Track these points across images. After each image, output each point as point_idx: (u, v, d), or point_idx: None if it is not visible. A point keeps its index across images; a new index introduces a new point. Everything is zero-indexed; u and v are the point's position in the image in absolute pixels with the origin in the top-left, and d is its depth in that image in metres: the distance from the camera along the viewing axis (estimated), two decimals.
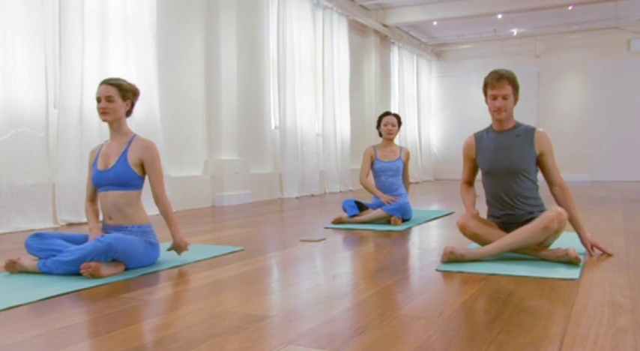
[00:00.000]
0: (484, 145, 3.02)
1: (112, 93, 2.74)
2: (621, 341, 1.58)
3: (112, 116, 2.76)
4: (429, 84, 13.38)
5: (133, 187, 2.78)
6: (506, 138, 2.95)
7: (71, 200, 4.61)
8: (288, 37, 7.61)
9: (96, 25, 4.78)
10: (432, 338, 1.63)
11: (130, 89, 2.82)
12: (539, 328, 1.72)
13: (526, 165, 2.91)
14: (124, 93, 2.78)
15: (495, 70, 2.90)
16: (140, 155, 2.78)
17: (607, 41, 11.61)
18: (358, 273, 2.70)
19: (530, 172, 2.94)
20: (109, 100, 2.74)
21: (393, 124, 4.73)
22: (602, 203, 6.17)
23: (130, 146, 2.80)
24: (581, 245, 3.17)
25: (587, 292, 2.16)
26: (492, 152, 2.96)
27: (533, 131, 2.94)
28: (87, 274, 2.43)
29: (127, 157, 2.78)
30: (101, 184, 2.80)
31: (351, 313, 1.93)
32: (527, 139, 2.92)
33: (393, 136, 4.77)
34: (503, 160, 2.92)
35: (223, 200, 6.33)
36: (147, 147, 2.79)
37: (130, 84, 2.84)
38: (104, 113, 2.75)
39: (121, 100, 2.77)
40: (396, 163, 4.72)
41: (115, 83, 2.77)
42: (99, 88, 2.78)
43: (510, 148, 2.92)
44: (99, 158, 2.86)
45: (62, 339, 1.68)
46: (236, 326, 1.76)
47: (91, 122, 4.77)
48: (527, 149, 2.91)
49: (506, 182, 2.92)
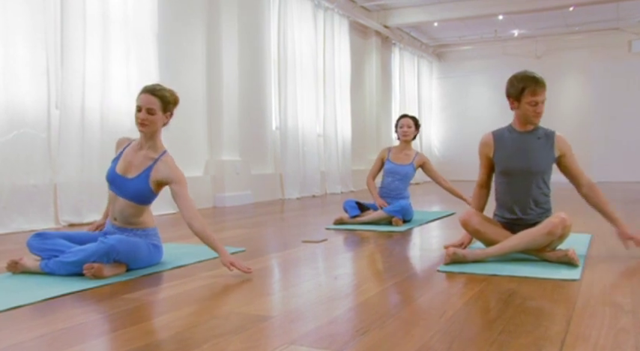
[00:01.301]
0: (504, 143, 2.98)
1: (155, 105, 2.64)
2: (622, 342, 1.58)
3: (150, 129, 2.66)
4: (429, 85, 13.39)
5: (145, 203, 2.73)
6: (528, 139, 2.93)
7: (73, 201, 4.62)
8: (289, 38, 7.62)
9: (97, 26, 4.79)
10: (433, 339, 1.64)
11: (172, 101, 2.70)
12: (540, 328, 1.72)
13: (545, 167, 2.90)
14: (166, 105, 2.67)
15: (532, 75, 2.84)
16: (164, 177, 2.67)
17: (608, 42, 11.61)
18: (360, 274, 2.71)
19: (547, 176, 2.94)
20: (149, 112, 2.63)
21: (408, 126, 4.68)
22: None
23: (155, 164, 2.69)
24: (581, 247, 3.18)
25: (588, 293, 2.16)
26: (512, 152, 2.93)
27: (553, 134, 2.94)
28: (89, 274, 2.43)
29: (150, 174, 2.68)
30: (113, 187, 2.73)
31: (353, 313, 1.93)
32: (548, 142, 2.91)
33: (409, 138, 4.72)
34: (523, 161, 2.90)
35: (224, 201, 6.33)
36: (173, 172, 2.68)
37: (172, 94, 2.72)
38: (142, 125, 2.64)
39: (161, 112, 2.67)
40: (406, 168, 4.69)
41: (159, 94, 2.65)
42: (140, 96, 2.66)
43: (532, 150, 2.90)
44: (121, 158, 2.75)
45: (65, 339, 1.68)
46: (238, 327, 1.77)
47: (93, 123, 4.78)
48: (547, 152, 2.90)
49: (522, 184, 2.91)
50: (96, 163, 4.78)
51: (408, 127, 4.68)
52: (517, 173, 2.92)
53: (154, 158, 2.71)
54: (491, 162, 3.06)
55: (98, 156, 4.80)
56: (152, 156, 2.72)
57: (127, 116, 5.07)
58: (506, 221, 2.99)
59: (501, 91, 12.49)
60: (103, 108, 4.86)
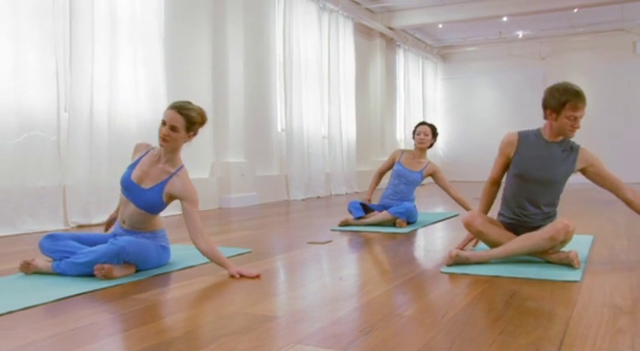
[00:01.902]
0: (527, 147, 2.95)
1: (179, 124, 2.66)
2: (620, 342, 1.63)
3: (171, 145, 2.69)
4: (434, 86, 13.42)
5: (156, 213, 2.77)
6: (553, 150, 2.91)
7: (81, 202, 4.68)
8: (294, 41, 7.67)
9: (105, 31, 4.85)
10: (435, 338, 1.68)
11: (198, 122, 2.71)
12: (540, 328, 1.77)
13: (561, 179, 2.91)
14: (190, 125, 2.69)
15: (574, 89, 2.79)
16: (178, 193, 2.70)
17: (612, 43, 11.62)
18: (364, 275, 2.76)
19: (561, 187, 2.95)
20: (172, 129, 2.65)
21: (425, 134, 4.68)
22: (606, 206, 6.19)
23: (171, 179, 2.72)
24: (583, 248, 3.21)
25: (588, 294, 2.20)
26: (534, 158, 2.91)
27: (578, 148, 2.93)
28: (100, 275, 2.49)
29: (164, 188, 2.71)
30: (127, 193, 2.76)
31: (358, 313, 1.98)
32: (571, 156, 2.90)
33: (425, 146, 4.72)
34: (543, 170, 2.89)
35: (230, 202, 6.39)
36: (187, 189, 2.70)
37: (200, 114, 2.72)
38: (164, 140, 2.67)
39: (184, 131, 2.68)
40: (414, 175, 4.72)
41: (185, 114, 2.67)
42: (167, 111, 2.68)
43: (553, 161, 2.90)
44: (138, 166, 2.78)
45: (78, 339, 1.74)
46: (245, 326, 1.82)
47: (101, 125, 4.84)
48: (567, 165, 2.90)
49: (535, 190, 2.91)
50: (104, 165, 4.84)
51: (425, 135, 4.69)
52: (532, 180, 2.91)
53: (170, 172, 2.74)
54: (509, 161, 3.02)
55: (106, 158, 4.86)
56: (169, 170, 2.74)
57: (133, 118, 5.14)
58: (509, 222, 3.01)
59: (507, 92, 12.63)
60: (110, 110, 4.92)
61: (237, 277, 2.56)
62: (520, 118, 12.49)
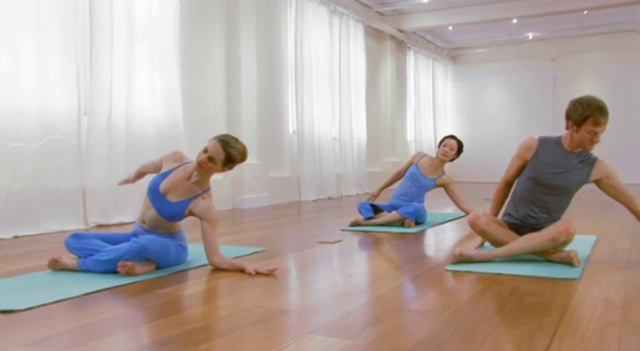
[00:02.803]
0: (546, 154, 3.02)
1: (218, 158, 2.77)
2: (608, 333, 1.75)
3: (205, 172, 2.82)
4: (444, 88, 13.51)
5: (176, 221, 2.93)
6: (570, 159, 2.98)
7: (100, 203, 4.85)
8: (305, 44, 7.81)
9: (123, 39, 5.02)
10: (437, 330, 1.81)
11: (237, 160, 2.81)
12: (536, 321, 1.89)
13: (573, 188, 3.01)
14: (228, 162, 2.81)
15: (598, 104, 2.85)
16: (199, 213, 2.83)
17: (623, 44, 11.65)
18: (373, 272, 2.89)
19: (572, 195, 3.04)
20: (211, 160, 2.77)
21: (452, 148, 4.77)
22: (613, 206, 6.24)
23: (196, 199, 2.85)
24: (585, 248, 3.32)
25: (584, 290, 2.32)
26: (550, 164, 2.99)
27: (594, 162, 2.99)
28: (123, 272, 2.64)
29: (188, 205, 2.84)
30: (152, 199, 2.89)
31: (366, 308, 2.12)
32: (586, 167, 2.98)
33: (447, 159, 4.80)
34: (557, 179, 2.97)
35: (243, 203, 6.54)
36: (209, 212, 2.82)
37: (241, 153, 2.81)
38: (200, 166, 2.79)
39: (221, 165, 2.81)
40: (427, 181, 4.83)
41: (228, 151, 2.77)
42: (212, 142, 2.79)
43: (569, 171, 2.97)
44: (169, 177, 2.90)
45: (104, 329, 1.89)
46: (261, 319, 1.96)
47: (119, 129, 5.01)
48: (581, 176, 2.98)
49: (546, 196, 3.00)
50: (122, 167, 5.00)
51: (450, 149, 4.78)
52: (545, 185, 3.00)
53: (196, 193, 2.87)
54: (525, 164, 3.09)
55: (124, 160, 5.03)
56: (196, 191, 2.87)
57: (150, 122, 5.30)
58: (514, 223, 3.12)
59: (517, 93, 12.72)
60: (128, 114, 5.09)
61: (253, 274, 2.70)
62: (530, 119, 12.57)
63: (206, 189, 2.92)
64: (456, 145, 4.80)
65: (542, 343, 1.67)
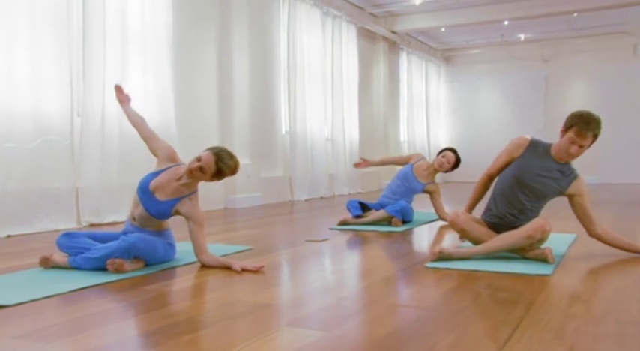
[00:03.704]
0: (533, 156, 3.13)
1: (209, 170, 2.87)
2: (567, 324, 1.85)
3: (194, 179, 2.93)
4: (437, 88, 13.61)
5: (163, 220, 3.02)
6: (554, 168, 3.09)
7: (93, 203, 4.94)
8: (298, 46, 7.91)
9: (116, 41, 5.11)
10: (407, 323, 1.91)
11: (226, 175, 2.92)
12: (503, 314, 1.99)
13: (551, 195, 3.12)
14: (218, 175, 2.91)
15: (587, 117, 2.94)
16: (185, 213, 2.93)
17: (613, 46, 11.78)
18: (355, 269, 2.99)
19: (547, 202, 3.16)
20: (201, 171, 2.87)
21: (448, 162, 4.86)
22: (601, 205, 6.38)
23: (183, 199, 2.95)
24: (563, 246, 3.43)
25: (554, 286, 2.42)
26: (534, 170, 3.09)
27: (574, 178, 3.11)
28: (112, 269, 2.73)
29: (175, 205, 2.95)
30: (141, 195, 2.99)
31: (344, 302, 2.21)
32: (565, 180, 3.09)
33: (441, 170, 4.90)
34: (537, 183, 3.08)
35: (235, 203, 6.63)
36: (195, 213, 2.92)
37: (231, 169, 2.91)
38: (190, 173, 2.88)
39: (210, 177, 2.91)
40: (417, 184, 4.94)
41: (220, 166, 2.87)
42: (207, 153, 2.88)
43: (550, 178, 3.08)
44: (159, 176, 2.99)
45: (92, 322, 1.98)
46: (243, 312, 2.06)
47: (112, 130, 5.09)
48: (559, 187, 3.09)
49: (524, 197, 3.11)
50: (115, 167, 5.10)
51: (447, 162, 4.87)
52: (525, 187, 3.10)
53: (184, 194, 2.97)
54: (511, 161, 3.19)
55: (117, 161, 5.12)
56: (184, 192, 2.97)
57: None
58: (493, 221, 3.23)
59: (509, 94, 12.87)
60: (121, 115, 5.16)
61: (240, 271, 2.79)
62: (522, 119, 12.69)
63: (193, 191, 3.02)
64: (453, 160, 4.91)
65: (505, 333, 1.77)
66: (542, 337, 1.73)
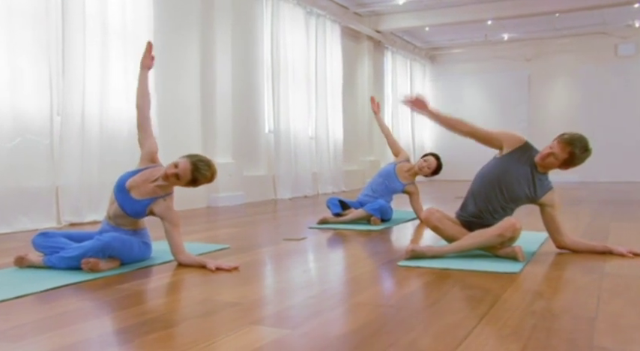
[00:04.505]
0: (520, 156, 3.19)
1: (185, 178, 2.90)
2: (525, 321, 1.90)
3: (170, 184, 2.96)
4: (422, 87, 13.68)
5: (137, 219, 3.04)
6: (534, 175, 3.17)
7: (73, 202, 4.94)
8: (281, 45, 7.93)
9: (97, 39, 5.11)
10: (372, 320, 1.95)
11: (201, 183, 2.95)
12: (465, 311, 2.04)
13: (524, 199, 3.19)
14: (192, 183, 2.94)
15: (575, 136, 3.10)
16: (160, 213, 2.96)
17: (595, 46, 11.91)
18: (327, 268, 3.03)
19: (518, 206, 3.24)
20: (177, 177, 2.90)
21: (429, 167, 4.90)
22: (578, 204, 6.48)
23: (157, 200, 2.98)
24: (535, 244, 3.49)
25: (520, 283, 2.48)
26: (514, 172, 3.16)
27: (550, 189, 3.20)
28: (87, 268, 2.75)
29: (149, 205, 2.97)
30: (116, 193, 3.02)
31: (312, 300, 2.25)
32: (541, 190, 3.17)
33: (421, 173, 4.95)
34: (515, 186, 3.15)
35: (217, 201, 6.65)
36: (169, 213, 2.96)
37: (207, 178, 2.93)
38: (166, 177, 2.91)
39: (185, 184, 2.94)
40: (397, 183, 4.99)
41: (196, 175, 2.89)
42: (184, 160, 2.90)
43: (527, 184, 3.16)
44: (137, 175, 3.02)
45: (64, 320, 2.00)
46: (211, 311, 2.09)
47: (92, 129, 5.10)
48: (534, 195, 3.17)
49: (500, 198, 3.18)
50: (95, 166, 5.10)
51: (427, 167, 4.92)
52: (501, 188, 3.17)
53: (159, 195, 3.00)
54: (493, 146, 3.26)
55: (97, 160, 5.13)
56: (159, 193, 3.00)
57: (125, 122, 5.39)
58: (466, 218, 3.29)
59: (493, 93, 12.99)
60: (101, 115, 5.18)
61: (214, 270, 2.83)
62: (506, 118, 12.79)
63: (169, 193, 3.05)
64: (434, 165, 4.95)
65: (465, 330, 1.82)
66: (500, 334, 1.78)
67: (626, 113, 11.73)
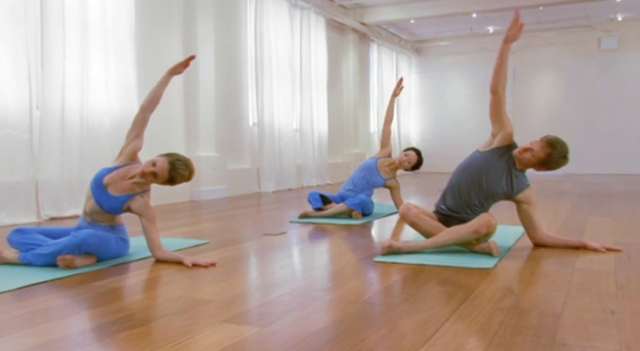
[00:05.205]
0: (501, 155, 3.22)
1: (162, 177, 2.92)
2: (493, 317, 1.93)
3: (147, 181, 2.98)
4: (408, 79, 13.69)
5: (114, 215, 3.04)
6: (511, 172, 3.20)
7: (53, 196, 4.92)
8: (265, 37, 7.91)
9: (76, 31, 5.06)
10: (342, 318, 1.97)
11: (178, 182, 2.97)
12: (436, 308, 2.07)
13: (499, 197, 3.23)
14: (169, 182, 2.96)
15: (555, 138, 3.17)
16: (136, 210, 2.97)
17: (579, 39, 11.98)
18: (304, 263, 3.05)
19: (495, 201, 3.27)
20: (154, 175, 2.92)
21: (409, 161, 4.95)
22: (558, 197, 6.54)
23: (135, 197, 2.99)
24: (511, 239, 3.53)
25: (492, 279, 2.51)
26: (492, 167, 3.20)
27: (526, 187, 3.24)
28: (62, 265, 2.75)
29: (126, 201, 2.98)
30: (93, 189, 3.01)
31: (286, 297, 2.27)
32: (518, 187, 3.21)
33: (401, 168, 5.00)
34: (492, 181, 3.19)
35: (201, 195, 6.65)
36: (146, 209, 2.96)
37: (184, 177, 2.95)
38: (144, 175, 2.92)
39: (162, 182, 2.97)
40: (378, 178, 5.02)
41: (173, 174, 2.92)
42: (163, 159, 2.92)
43: (504, 181, 3.19)
44: (114, 172, 3.02)
45: (38, 319, 2.01)
46: (184, 309, 2.10)
47: (72, 123, 5.06)
48: (510, 191, 3.20)
49: (477, 193, 3.21)
50: (75, 160, 5.07)
51: (408, 162, 4.96)
52: (480, 180, 3.20)
53: (136, 192, 3.01)
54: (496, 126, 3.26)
55: (78, 154, 5.09)
56: (136, 189, 3.01)
57: (106, 116, 5.37)
58: (443, 212, 3.32)
59: (479, 85, 13.13)
60: (82, 108, 5.15)
61: (190, 266, 2.84)
62: None
63: (146, 189, 3.05)
64: (414, 160, 4.99)
65: (434, 327, 1.84)
66: (467, 331, 1.81)
67: (609, 106, 11.83)
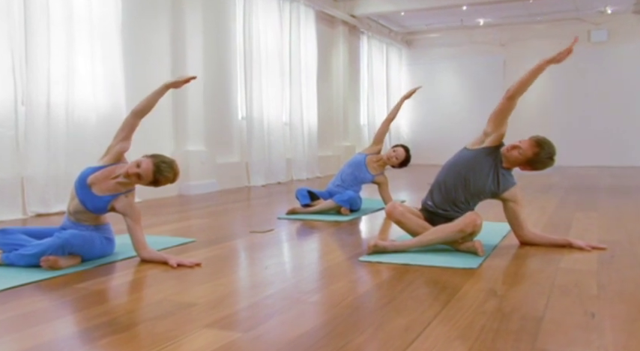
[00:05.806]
0: (489, 153, 3.22)
1: (146, 179, 2.91)
2: (475, 321, 1.94)
3: (131, 182, 2.96)
4: (399, 72, 13.69)
5: (98, 214, 3.02)
6: (498, 170, 3.21)
7: (40, 193, 4.88)
8: (254, 30, 7.85)
9: (61, 25, 5.00)
10: (325, 322, 1.98)
11: (161, 184, 2.96)
12: (419, 311, 2.07)
13: (484, 196, 3.25)
14: (153, 183, 2.95)
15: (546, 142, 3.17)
16: (121, 209, 2.96)
17: (568, 32, 11.97)
18: (290, 263, 3.04)
19: (480, 199, 3.28)
20: (138, 177, 2.90)
21: (397, 157, 4.96)
22: (546, 191, 6.57)
23: (119, 196, 2.97)
24: (497, 237, 3.55)
25: (476, 280, 2.52)
26: (479, 165, 3.20)
27: (512, 185, 3.24)
28: (46, 266, 2.73)
29: (111, 201, 2.96)
30: (77, 188, 3.00)
31: (269, 300, 2.26)
32: (504, 185, 3.22)
33: (389, 164, 5.02)
34: (478, 179, 3.20)
35: (190, 189, 6.62)
36: (131, 209, 2.95)
37: (169, 180, 2.94)
38: (128, 175, 2.91)
39: (147, 184, 2.96)
40: (366, 174, 5.02)
41: (157, 177, 2.91)
42: (148, 160, 2.91)
43: (490, 179, 3.20)
44: (99, 172, 3.00)
45: (22, 323, 1.99)
46: (166, 313, 2.09)
47: (58, 118, 5.02)
48: (497, 190, 3.21)
49: (463, 191, 3.22)
50: (62, 156, 5.03)
51: (396, 158, 4.97)
52: (467, 177, 3.21)
53: (120, 191, 2.99)
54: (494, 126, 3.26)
55: (64, 149, 5.06)
56: (120, 189, 2.99)
57: (93, 111, 5.32)
58: (429, 209, 3.32)
59: (469, 78, 13.08)
60: (68, 104, 5.10)
61: (175, 267, 2.83)
62: (481, 103, 12.85)
63: (130, 189, 3.03)
64: (403, 157, 5.00)
65: (416, 332, 1.85)
66: (448, 336, 1.81)
67: (598, 99, 11.88)
